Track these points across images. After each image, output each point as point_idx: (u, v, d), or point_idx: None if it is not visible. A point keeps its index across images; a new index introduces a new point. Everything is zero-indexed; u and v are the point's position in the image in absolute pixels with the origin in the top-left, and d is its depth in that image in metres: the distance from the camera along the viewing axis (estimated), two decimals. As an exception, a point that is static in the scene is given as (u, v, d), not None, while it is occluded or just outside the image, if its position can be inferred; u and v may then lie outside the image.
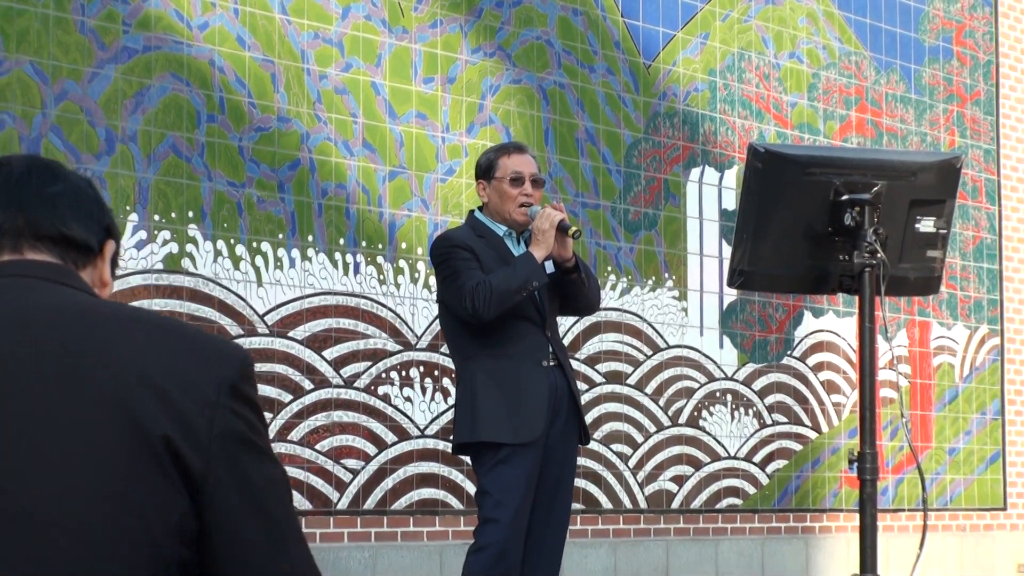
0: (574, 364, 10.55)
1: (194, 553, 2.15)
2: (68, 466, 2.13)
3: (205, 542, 2.16)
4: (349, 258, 9.66)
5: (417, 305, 9.83)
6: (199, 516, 2.15)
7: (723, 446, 11.61)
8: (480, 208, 6.45)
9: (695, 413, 11.47)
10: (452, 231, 6.32)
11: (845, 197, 4.55)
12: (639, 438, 11.08)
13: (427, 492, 9.78)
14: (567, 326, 10.57)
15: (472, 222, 6.42)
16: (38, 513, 2.10)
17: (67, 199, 2.47)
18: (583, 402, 10.63)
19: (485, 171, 6.37)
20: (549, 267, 6.26)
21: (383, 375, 9.73)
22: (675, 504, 11.26)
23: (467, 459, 6.90)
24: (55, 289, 2.34)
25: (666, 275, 11.39)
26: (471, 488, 9.42)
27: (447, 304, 6.30)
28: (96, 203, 2.52)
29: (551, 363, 6.27)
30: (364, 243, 9.74)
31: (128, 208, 8.63)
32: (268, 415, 9.23)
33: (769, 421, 11.95)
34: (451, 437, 6.75)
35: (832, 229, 4.58)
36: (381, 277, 9.76)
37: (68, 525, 2.10)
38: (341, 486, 9.53)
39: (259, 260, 9.20)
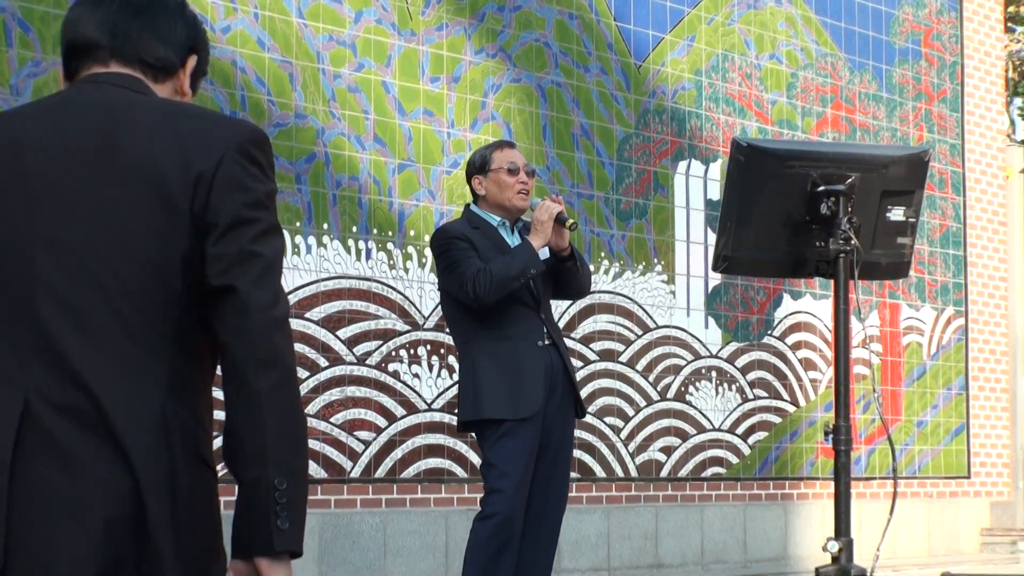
0: (570, 344, 10.54)
1: (198, 276, 2.52)
2: (105, 214, 2.53)
3: (204, 253, 2.50)
4: (361, 245, 9.63)
5: (424, 288, 9.78)
6: (209, 256, 2.51)
7: (708, 419, 11.56)
8: (474, 202, 6.39)
9: (682, 388, 11.41)
10: (449, 224, 6.34)
11: (821, 188, 4.51)
12: (630, 412, 11.04)
13: (434, 462, 9.73)
14: (563, 308, 10.55)
15: (468, 215, 6.37)
16: (79, 246, 2.54)
17: (150, 23, 2.73)
18: (579, 378, 10.60)
19: (480, 167, 6.33)
20: (544, 253, 6.23)
21: (393, 353, 9.69)
22: (663, 473, 11.23)
23: (471, 434, 6.82)
24: (114, 90, 2.64)
25: (655, 260, 11.34)
26: (475, 458, 9.47)
27: (448, 292, 6.26)
28: (180, 22, 2.78)
29: (546, 343, 6.22)
30: (375, 231, 9.69)
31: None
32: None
33: (751, 396, 11.91)
34: (456, 411, 6.71)
35: (809, 218, 4.54)
36: (391, 262, 9.71)
37: (103, 252, 2.53)
38: (354, 456, 9.49)
39: (291, 251, 9.14)
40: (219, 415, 2.47)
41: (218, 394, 2.47)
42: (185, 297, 2.59)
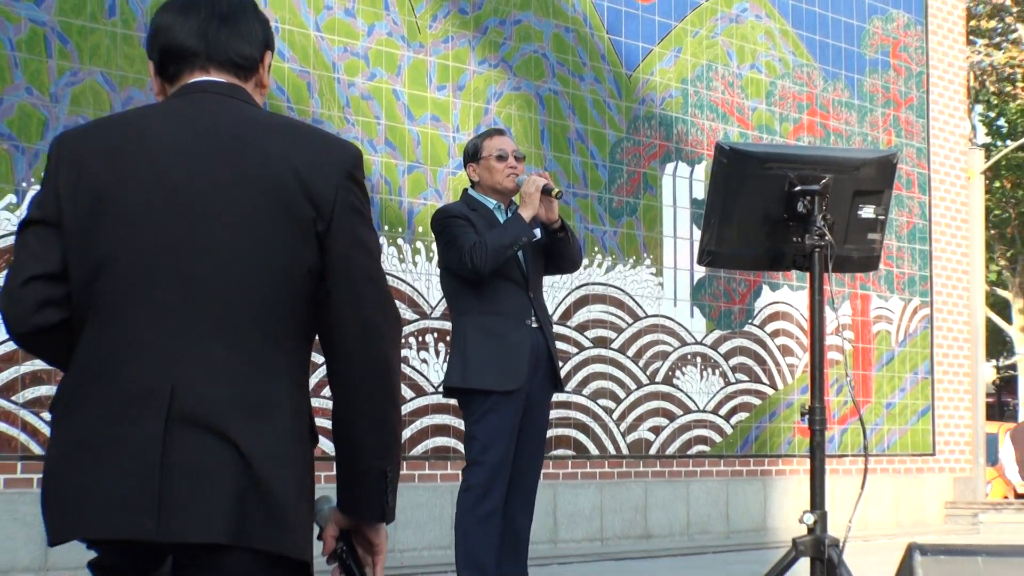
0: (566, 331, 10.57)
1: (316, 285, 2.73)
2: (235, 222, 2.72)
3: (325, 272, 2.71)
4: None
5: (432, 280, 9.72)
6: (323, 257, 2.71)
7: (693, 401, 11.55)
8: (472, 187, 6.35)
9: (669, 373, 11.40)
10: (448, 205, 6.32)
11: (798, 188, 4.51)
12: (621, 394, 11.02)
13: (440, 440, 9.74)
14: (560, 298, 10.55)
15: (466, 198, 6.32)
16: (214, 250, 2.71)
17: (236, 26, 2.91)
18: (574, 363, 10.63)
19: (472, 155, 6.30)
20: (538, 233, 6.19)
21: (402, 340, 9.65)
22: (652, 451, 11.22)
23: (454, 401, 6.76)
24: (229, 102, 2.84)
25: (645, 255, 11.31)
26: None
27: (448, 266, 6.19)
28: (257, 23, 2.98)
29: (534, 323, 6.16)
30: (386, 227, 9.68)
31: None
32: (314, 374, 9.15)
33: (733, 380, 11.89)
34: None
35: (787, 215, 4.54)
36: (401, 256, 9.69)
37: (236, 257, 2.70)
38: (367, 435, 9.47)
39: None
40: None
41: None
42: (306, 301, 2.77)
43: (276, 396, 2.75)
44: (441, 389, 6.41)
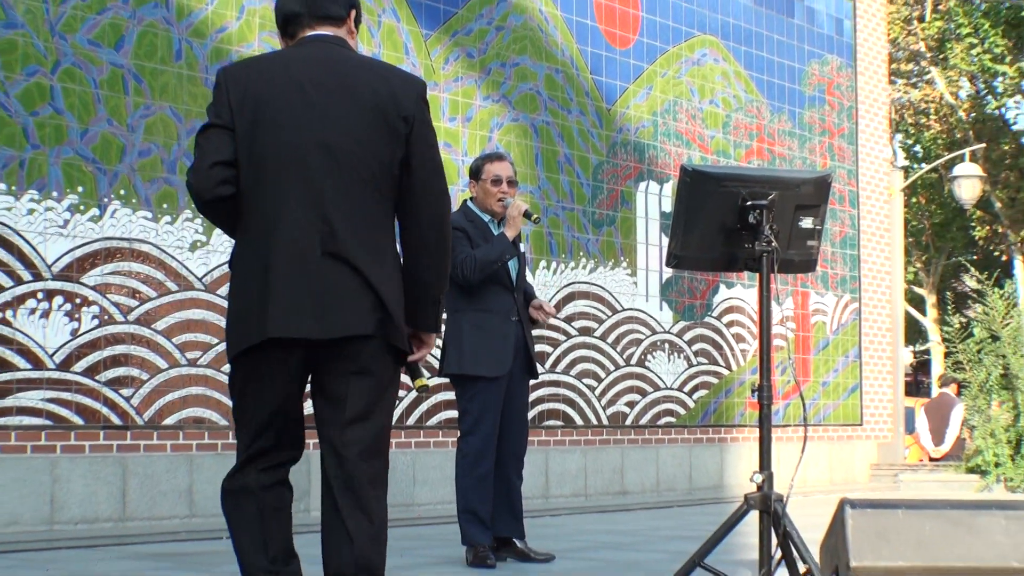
0: (557, 322, 10.58)
1: (402, 166, 3.42)
2: (355, 134, 3.39)
3: (408, 161, 3.41)
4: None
5: (444, 280, 9.70)
6: (407, 151, 3.41)
7: (662, 380, 11.54)
8: (471, 199, 6.32)
9: (642, 356, 11.38)
10: (452, 216, 6.20)
11: (749, 203, 4.49)
12: (602, 374, 11.01)
13: (451, 413, 9.65)
14: (551, 294, 10.54)
15: (465, 209, 6.28)
16: (339, 146, 3.39)
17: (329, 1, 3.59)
18: (561, 349, 10.63)
19: (475, 173, 6.28)
20: (523, 247, 6.27)
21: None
22: (628, 421, 11.21)
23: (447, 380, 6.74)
24: (333, 48, 3.53)
25: (622, 258, 11.30)
26: None
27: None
28: None
29: (515, 319, 6.16)
30: (407, 235, 9.63)
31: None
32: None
33: (694, 362, 11.88)
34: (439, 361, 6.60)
35: (740, 225, 4.51)
36: (419, 260, 9.65)
37: (357, 157, 3.38)
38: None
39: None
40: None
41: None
42: (396, 181, 3.43)
43: (383, 243, 3.39)
44: (440, 373, 6.34)
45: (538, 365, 6.40)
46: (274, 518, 3.40)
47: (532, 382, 6.53)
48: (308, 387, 3.47)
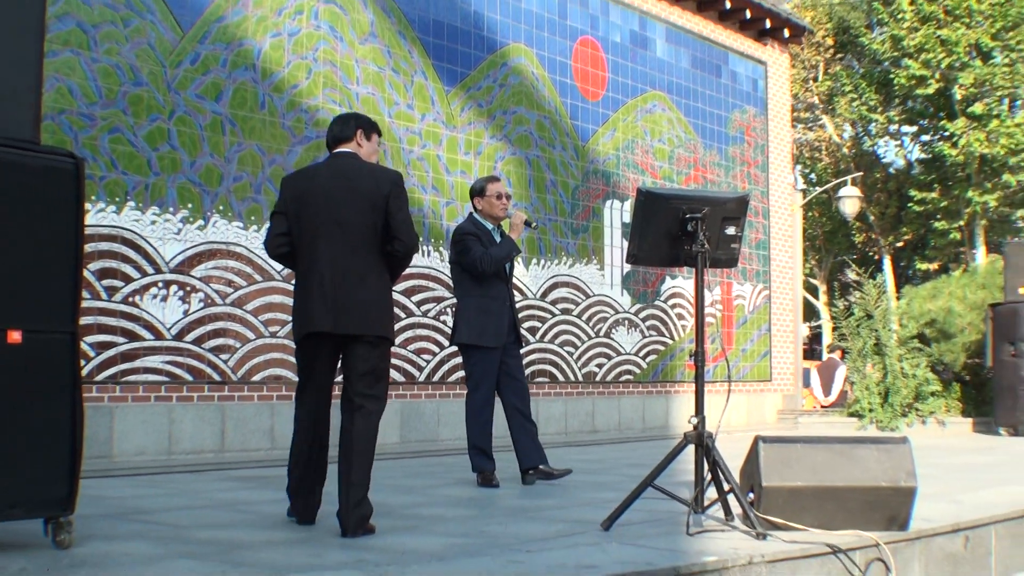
0: (545, 304, 10.59)
1: (385, 228, 4.18)
2: (355, 213, 4.17)
3: (388, 223, 4.16)
4: (424, 247, 9.60)
5: (461, 273, 9.75)
6: (388, 219, 4.17)
7: (623, 347, 11.56)
8: (475, 212, 6.22)
9: (607, 330, 11.39)
10: (462, 225, 6.19)
11: (688, 216, 4.50)
12: (578, 343, 11.02)
13: (463, 372, 9.72)
14: (540, 284, 10.55)
15: (472, 220, 6.18)
16: (346, 221, 4.16)
17: (343, 125, 4.38)
18: (546, 325, 10.64)
19: (479, 192, 6.17)
20: (522, 248, 6.21)
21: (442, 310, 9.67)
22: (597, 378, 11.23)
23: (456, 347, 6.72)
24: (348, 159, 4.31)
25: (593, 257, 11.30)
26: None
27: (461, 264, 6.06)
28: (353, 120, 4.41)
29: (508, 303, 6.10)
30: (432, 239, 9.66)
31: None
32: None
33: (647, 334, 11.89)
34: (451, 332, 6.61)
35: (681, 233, 4.53)
36: (441, 258, 9.68)
37: (356, 226, 4.16)
38: (420, 368, 9.48)
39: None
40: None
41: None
42: (381, 238, 4.20)
43: (369, 276, 4.18)
44: (451, 342, 6.33)
45: (528, 335, 6.45)
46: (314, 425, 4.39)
47: (522, 351, 6.50)
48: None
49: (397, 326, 9.31)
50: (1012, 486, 5.96)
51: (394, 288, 9.65)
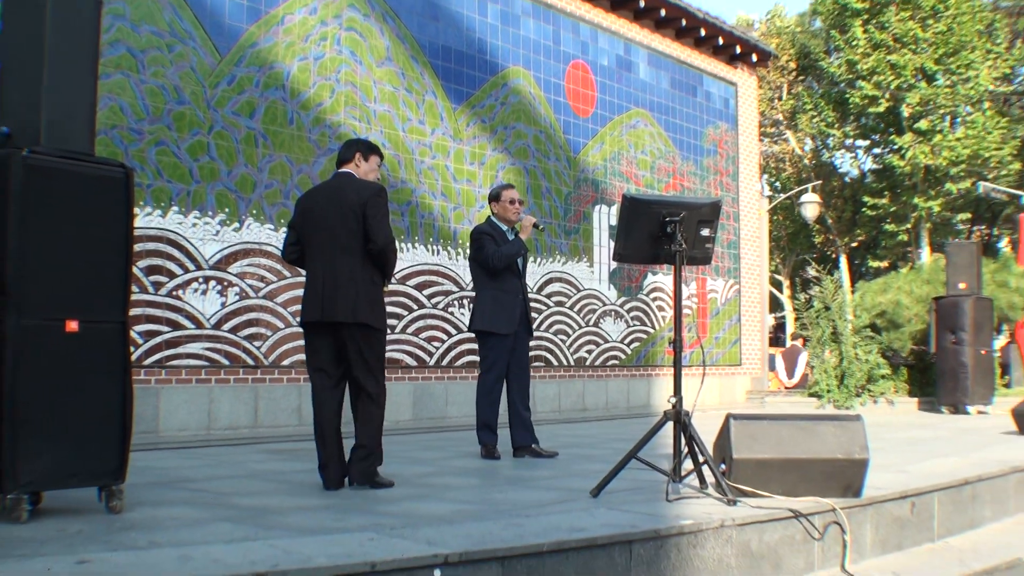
0: (541, 298, 10.58)
1: (365, 229, 4.37)
2: (340, 222, 4.38)
3: (365, 224, 4.35)
4: (434, 247, 9.58)
5: (466, 269, 9.72)
6: (365, 223, 4.34)
7: (609, 335, 11.56)
8: (492, 215, 6.20)
9: (596, 320, 11.40)
10: (480, 225, 6.15)
11: (667, 219, 4.49)
12: (570, 332, 11.02)
13: (470, 357, 9.73)
14: (537, 279, 10.55)
15: (489, 222, 6.15)
16: (334, 230, 4.39)
17: (348, 149, 4.62)
18: (542, 315, 10.63)
19: (495, 197, 6.16)
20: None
21: (450, 302, 9.67)
22: (587, 363, 11.24)
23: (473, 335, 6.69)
24: (344, 177, 4.54)
25: (583, 255, 11.31)
26: None
27: (477, 261, 6.04)
28: (356, 144, 4.65)
29: (521, 296, 6.07)
30: (441, 240, 9.67)
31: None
32: (398, 321, 9.15)
33: (631, 324, 11.89)
34: (471, 320, 6.57)
35: (661, 234, 4.51)
36: (448, 256, 9.69)
37: (342, 233, 4.38)
38: (430, 354, 9.48)
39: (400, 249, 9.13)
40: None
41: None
42: (364, 240, 4.37)
43: (357, 273, 4.38)
44: (468, 329, 6.30)
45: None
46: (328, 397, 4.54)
47: (532, 342, 6.47)
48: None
49: (409, 317, 9.32)
50: (952, 458, 5.97)
51: (406, 284, 9.79)
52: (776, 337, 30.34)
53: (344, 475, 4.46)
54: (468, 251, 6.34)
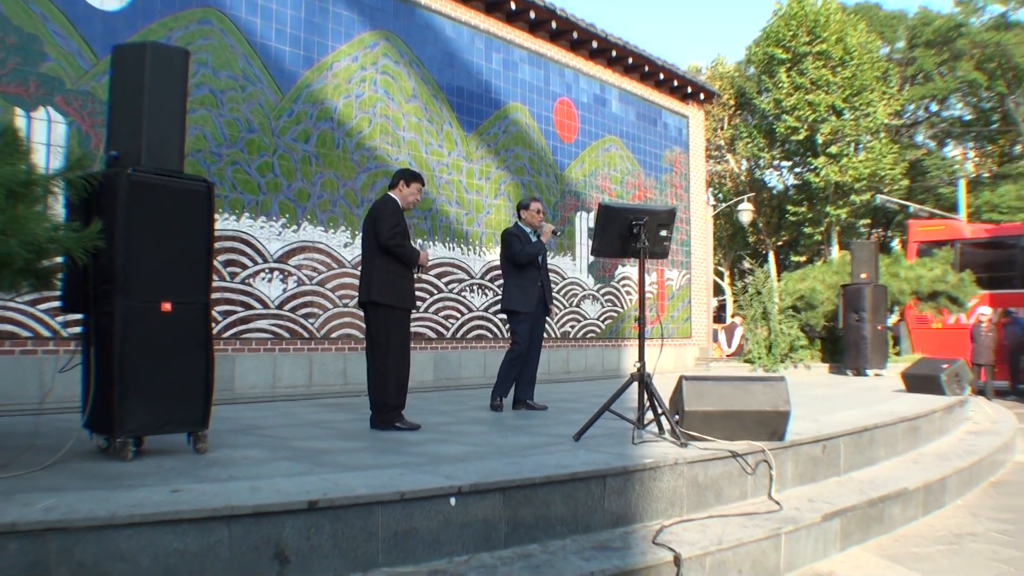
0: (533, 284, 10.53)
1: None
2: (369, 228, 4.52)
3: (376, 228, 4.58)
4: (449, 244, 9.54)
5: (476, 263, 9.68)
6: (375, 225, 4.53)
7: (587, 314, 11.52)
8: (519, 220, 6.05)
9: (578, 303, 11.35)
10: (511, 228, 5.99)
11: (634, 222, 4.48)
12: (557, 311, 10.97)
13: (479, 331, 9.70)
14: (531, 271, 10.49)
15: (516, 226, 6.01)
16: (366, 236, 4.61)
17: (394, 178, 4.72)
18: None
19: (525, 206, 6.01)
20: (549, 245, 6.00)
21: (466, 288, 9.62)
22: (570, 336, 11.20)
23: (503, 316, 6.62)
24: (385, 198, 4.66)
25: (567, 251, 11.24)
26: (497, 331, 9.34)
27: (507, 257, 5.91)
28: (398, 173, 4.72)
29: (539, 283, 5.95)
30: (456, 239, 9.61)
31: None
32: (422, 303, 9.12)
33: (605, 305, 11.84)
34: (494, 309, 6.50)
35: (629, 234, 4.50)
36: (462, 252, 9.62)
37: (369, 236, 4.54)
38: (447, 329, 9.44)
39: (429, 248, 9.06)
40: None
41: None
42: (378, 242, 4.52)
43: (374, 264, 4.51)
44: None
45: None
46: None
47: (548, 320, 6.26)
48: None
49: (429, 300, 9.30)
50: (854, 410, 5.98)
51: (425, 275, 9.70)
52: (719, 315, 30.30)
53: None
54: (478, 248, 6.26)
